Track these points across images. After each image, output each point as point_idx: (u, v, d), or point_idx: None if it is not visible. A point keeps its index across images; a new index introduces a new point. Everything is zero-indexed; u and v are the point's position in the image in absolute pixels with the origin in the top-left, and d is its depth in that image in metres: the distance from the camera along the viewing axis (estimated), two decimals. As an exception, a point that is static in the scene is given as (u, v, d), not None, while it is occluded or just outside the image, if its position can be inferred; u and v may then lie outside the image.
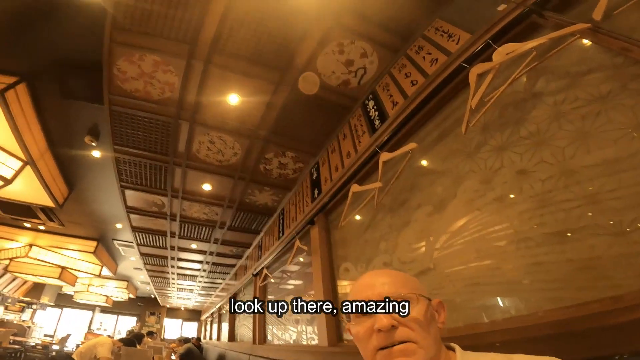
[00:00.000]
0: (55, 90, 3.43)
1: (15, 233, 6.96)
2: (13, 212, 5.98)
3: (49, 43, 3.03)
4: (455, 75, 1.74)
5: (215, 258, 7.33)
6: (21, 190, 4.90)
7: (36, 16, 2.81)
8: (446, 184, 1.74)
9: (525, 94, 1.44)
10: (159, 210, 5.24)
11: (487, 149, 1.53)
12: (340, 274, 2.74)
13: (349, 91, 3.03)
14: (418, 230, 1.88)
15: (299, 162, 3.96)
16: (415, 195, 1.98)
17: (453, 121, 1.82)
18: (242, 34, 2.64)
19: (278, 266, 4.75)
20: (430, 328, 0.74)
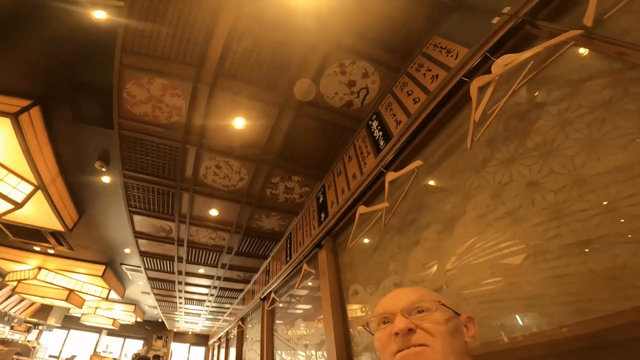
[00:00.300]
0: (67, 115, 3.53)
1: (24, 256, 6.97)
2: (23, 236, 6.01)
3: (64, 66, 3.13)
4: (456, 90, 1.72)
5: (222, 283, 7.18)
6: (31, 214, 4.94)
7: (52, 40, 2.93)
8: (455, 201, 1.69)
9: (528, 105, 1.42)
10: (167, 236, 5.20)
11: (494, 163, 1.49)
12: (349, 297, 2.66)
13: (353, 112, 3.03)
14: (428, 249, 1.82)
15: (305, 187, 3.92)
16: (424, 215, 1.92)
17: (458, 137, 1.79)
18: (246, 57, 2.68)
19: (286, 290, 4.62)
20: (453, 338, 0.73)
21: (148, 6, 2.41)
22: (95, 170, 4.30)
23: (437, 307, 0.76)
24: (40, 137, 3.77)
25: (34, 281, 7.19)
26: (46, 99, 3.48)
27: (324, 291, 2.84)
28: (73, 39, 2.96)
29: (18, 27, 2.89)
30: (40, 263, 7.17)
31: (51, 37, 2.96)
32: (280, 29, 2.48)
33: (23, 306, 10.58)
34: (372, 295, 2.29)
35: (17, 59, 3.13)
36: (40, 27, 2.88)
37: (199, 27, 2.52)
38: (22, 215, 5.01)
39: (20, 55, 3.11)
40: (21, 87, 3.33)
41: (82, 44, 2.98)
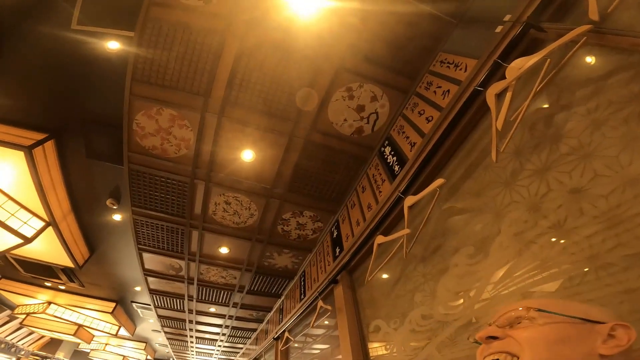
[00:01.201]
0: (81, 150, 3.40)
1: (35, 291, 6.77)
2: (34, 272, 5.84)
3: (78, 99, 3.04)
4: (471, 102, 1.60)
5: (235, 322, 6.76)
6: (42, 250, 4.77)
7: (67, 73, 2.86)
8: (485, 220, 1.50)
9: (551, 109, 1.31)
10: (177, 274, 4.91)
11: (526, 175, 1.35)
12: (370, 334, 2.39)
13: (364, 140, 2.84)
14: (460, 275, 1.60)
15: (317, 222, 3.61)
16: (450, 239, 1.73)
17: (479, 152, 1.64)
18: (252, 85, 2.57)
19: (301, 329, 4.26)
20: (558, 347, 0.63)
21: (157, 35, 2.35)
22: (107, 208, 4.14)
23: (536, 314, 0.68)
24: (53, 173, 3.64)
25: (42, 315, 6.96)
26: (61, 133, 3.37)
27: (342, 329, 2.59)
28: (87, 72, 2.89)
29: (33, 60, 2.85)
30: (51, 298, 6.96)
31: (66, 70, 2.90)
32: (284, 54, 2.39)
33: (32, 339, 10.26)
34: (396, 330, 2.03)
35: (32, 92, 3.07)
36: (55, 59, 2.82)
37: (205, 55, 2.44)
38: (33, 251, 4.85)
39: (35, 88, 3.05)
40: (36, 120, 3.23)
41: (96, 77, 2.91)
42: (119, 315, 7.34)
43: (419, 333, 1.81)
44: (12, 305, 7.46)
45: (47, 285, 6.57)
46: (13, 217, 3.80)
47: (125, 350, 11.80)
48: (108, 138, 3.32)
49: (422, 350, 1.75)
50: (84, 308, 7.14)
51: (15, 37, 2.70)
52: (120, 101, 2.71)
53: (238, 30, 2.30)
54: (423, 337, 1.77)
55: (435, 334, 1.67)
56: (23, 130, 3.21)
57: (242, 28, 2.29)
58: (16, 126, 3.22)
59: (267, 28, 2.29)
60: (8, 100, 3.09)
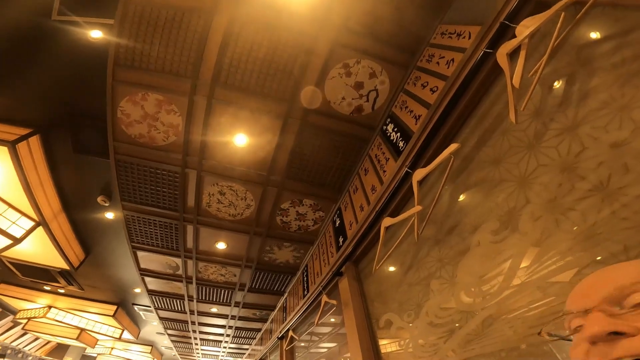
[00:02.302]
0: (68, 144, 3.18)
1: (35, 295, 6.57)
2: (32, 275, 5.62)
3: (63, 92, 2.85)
4: (480, 66, 1.45)
5: (238, 322, 6.50)
6: (36, 252, 4.55)
7: (50, 65, 2.65)
8: (509, 190, 1.32)
9: (571, 67, 1.17)
10: (174, 273, 4.66)
11: (552, 134, 1.18)
12: (380, 328, 2.14)
13: (364, 119, 2.62)
14: (484, 255, 1.38)
15: (318, 211, 3.35)
16: (468, 215, 1.52)
17: (494, 117, 1.47)
18: (243, 64, 2.35)
19: (306, 328, 4.02)
20: None
21: (139, 17, 2.15)
22: (99, 206, 3.90)
23: None
24: (40, 170, 3.41)
25: (43, 319, 6.74)
26: (46, 127, 3.15)
27: (349, 324, 2.35)
28: (70, 63, 2.71)
29: (16, 53, 2.66)
30: (51, 302, 6.75)
31: (49, 62, 2.72)
32: (275, 31, 2.21)
33: (39, 344, 9.99)
34: (411, 324, 1.80)
35: (15, 86, 2.87)
36: (37, 51, 2.64)
37: (191, 35, 2.24)
38: (27, 253, 4.62)
39: (19, 82, 2.85)
40: (20, 114, 3.02)
41: (79, 68, 2.72)
42: (121, 318, 7.10)
43: (438, 326, 1.56)
44: (14, 311, 7.26)
45: (46, 289, 6.36)
46: (1, 217, 3.57)
47: (132, 354, 11.53)
48: (95, 131, 3.11)
49: (444, 344, 1.49)
50: (85, 312, 6.92)
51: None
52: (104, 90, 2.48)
53: (225, 8, 2.12)
54: (443, 330, 1.52)
55: (459, 326, 1.42)
56: (6, 125, 3.01)
57: (230, 5, 2.11)
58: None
59: (256, 4, 2.11)
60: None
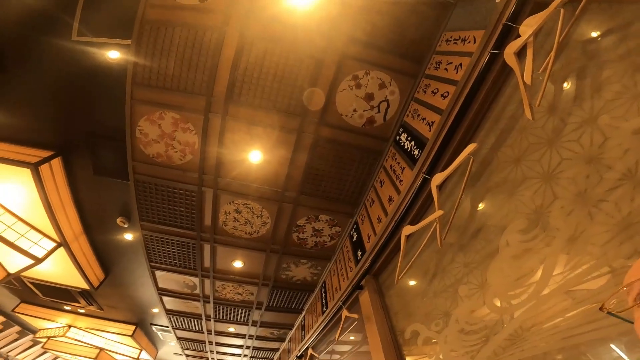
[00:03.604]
0: (88, 166, 3.19)
1: (55, 314, 6.51)
2: (52, 295, 5.60)
3: (83, 115, 2.86)
4: (488, 68, 1.45)
5: (256, 342, 6.30)
6: (57, 272, 4.54)
7: (70, 87, 2.68)
8: (534, 187, 1.27)
9: (579, 62, 1.18)
10: (192, 292, 4.57)
11: (572, 128, 1.16)
12: (406, 341, 1.99)
13: (376, 131, 2.58)
14: (515, 256, 1.29)
15: (335, 226, 3.24)
16: (493, 217, 1.47)
17: (509, 118, 1.46)
18: (255, 80, 2.36)
19: (326, 346, 3.80)
20: None
21: (155, 37, 2.20)
22: (118, 227, 3.89)
23: None
24: (62, 192, 3.43)
25: (63, 338, 6.67)
26: (67, 149, 3.17)
27: (373, 339, 2.19)
28: (90, 85, 2.71)
29: (36, 75, 2.70)
30: (71, 321, 6.68)
31: (69, 84, 2.73)
32: (284, 45, 2.24)
33: (57, 364, 9.95)
34: (440, 333, 1.66)
35: (36, 109, 2.91)
36: (57, 74, 2.67)
37: (205, 53, 2.27)
38: (47, 274, 4.62)
39: (39, 104, 2.89)
40: (41, 137, 3.05)
41: (99, 89, 2.73)
42: (139, 338, 6.97)
43: (471, 333, 1.43)
44: (33, 330, 7.23)
45: (66, 309, 6.32)
46: (23, 237, 3.59)
47: (149, 376, 11.33)
48: (114, 153, 3.09)
49: (479, 352, 1.36)
50: (105, 331, 6.82)
51: (18, 51, 2.54)
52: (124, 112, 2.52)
53: (236, 25, 2.15)
54: (477, 337, 1.39)
55: (494, 332, 1.30)
56: (29, 148, 3.04)
57: (240, 23, 2.14)
58: (22, 144, 3.05)
59: (266, 21, 2.14)
60: (12, 118, 2.94)
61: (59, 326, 6.72)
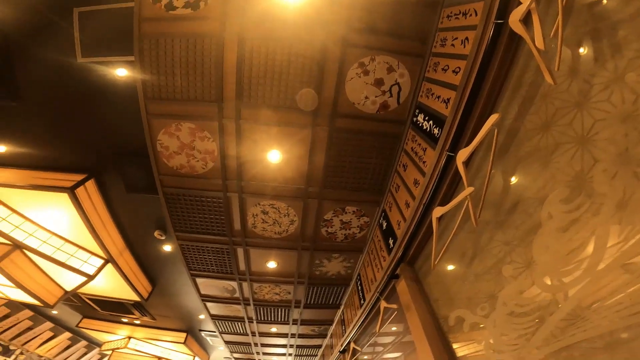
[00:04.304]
0: (120, 184, 3.31)
1: (115, 327, 6.97)
2: (110, 309, 5.98)
3: (105, 134, 2.97)
4: (496, 38, 1.41)
5: (298, 340, 6.33)
6: (109, 287, 4.81)
7: (87, 108, 2.77)
8: (569, 153, 1.16)
9: (590, 25, 1.12)
10: (232, 296, 4.64)
11: (599, 89, 1.07)
12: (451, 328, 1.86)
13: (392, 115, 2.46)
14: (560, 229, 1.16)
15: (363, 216, 3.14)
16: (529, 189, 1.36)
17: (529, 85, 1.37)
18: (262, 81, 2.32)
19: (367, 339, 3.72)
20: None
21: (156, 50, 2.21)
22: (157, 239, 4.03)
23: None
24: (100, 211, 3.60)
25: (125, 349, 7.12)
26: (98, 171, 3.34)
27: (415, 328, 2.08)
28: (106, 106, 2.79)
29: (50, 102, 2.81)
30: (129, 333, 7.14)
31: (86, 107, 2.82)
32: (285, 42, 2.15)
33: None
34: (487, 317, 1.53)
35: (59, 135, 3.06)
36: (71, 98, 2.76)
37: (208, 60, 2.26)
38: (101, 289, 4.92)
39: (61, 130, 3.03)
40: (72, 162, 3.24)
41: (116, 107, 2.80)
42: (191, 345, 7.25)
43: (522, 315, 1.30)
44: (98, 343, 7.74)
45: (124, 321, 6.71)
46: (73, 257, 3.82)
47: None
48: (141, 169, 3.17)
49: (534, 335, 1.22)
50: (160, 340, 7.17)
51: (30, 79, 2.64)
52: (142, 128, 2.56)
53: (233, 28, 2.13)
54: (530, 319, 1.25)
55: (549, 312, 1.16)
56: (62, 173, 3.21)
57: (237, 26, 2.11)
58: (55, 171, 3.22)
59: (262, 20, 2.10)
60: (39, 147, 3.12)
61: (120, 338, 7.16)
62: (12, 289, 3.94)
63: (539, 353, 1.21)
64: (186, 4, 2.05)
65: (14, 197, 3.31)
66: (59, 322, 7.19)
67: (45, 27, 2.33)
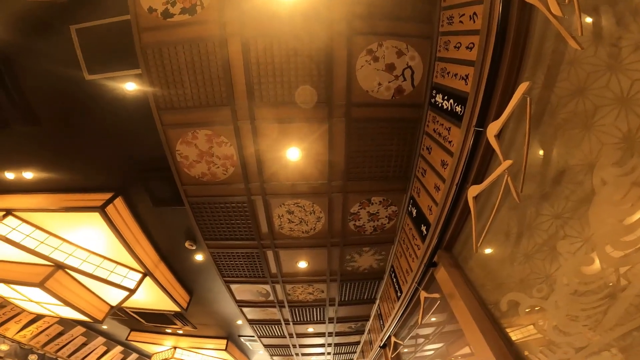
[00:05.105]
0: (147, 199, 3.34)
1: (160, 338, 7.16)
2: (153, 321, 6.14)
3: (125, 151, 3.00)
4: (507, 9, 1.35)
5: (336, 338, 6.23)
6: (150, 299, 4.91)
7: (103, 127, 2.79)
8: (612, 114, 1.06)
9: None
10: (266, 299, 4.61)
11: (630, 50, 0.99)
12: (504, 313, 1.68)
13: (408, 99, 2.34)
14: (617, 194, 1.03)
15: (390, 206, 2.99)
16: (573, 155, 1.22)
17: (551, 52, 1.28)
18: (271, 79, 2.25)
19: (408, 332, 3.56)
20: None
21: (160, 59, 2.18)
22: (188, 250, 4.06)
23: None
24: (132, 227, 3.68)
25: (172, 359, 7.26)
26: (124, 188, 3.40)
27: (462, 316, 1.92)
28: (121, 123, 2.78)
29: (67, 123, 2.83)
30: (175, 343, 7.31)
31: (103, 127, 2.82)
32: (289, 38, 2.07)
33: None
34: (546, 299, 1.37)
35: (82, 156, 3.10)
36: (88, 118, 2.77)
37: (214, 63, 2.20)
38: (143, 302, 5.05)
39: (84, 152, 3.07)
40: (98, 182, 3.31)
41: (130, 124, 2.79)
42: (232, 351, 7.31)
43: (588, 294, 1.14)
44: (147, 354, 7.96)
45: (168, 331, 6.86)
46: (113, 273, 3.91)
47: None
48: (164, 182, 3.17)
49: (606, 315, 1.07)
50: (203, 348, 7.28)
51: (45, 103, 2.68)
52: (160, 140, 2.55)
53: (234, 29, 2.06)
54: (598, 297, 1.10)
55: (620, 288, 1.01)
56: (90, 194, 3.30)
57: (238, 26, 2.05)
58: (83, 192, 3.31)
59: (262, 18, 2.02)
60: (65, 171, 3.20)
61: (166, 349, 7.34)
62: (61, 307, 4.09)
63: (613, 333, 1.05)
64: (183, 10, 2.01)
65: (48, 220, 3.44)
66: (110, 336, 7.47)
67: (47, 47, 2.34)
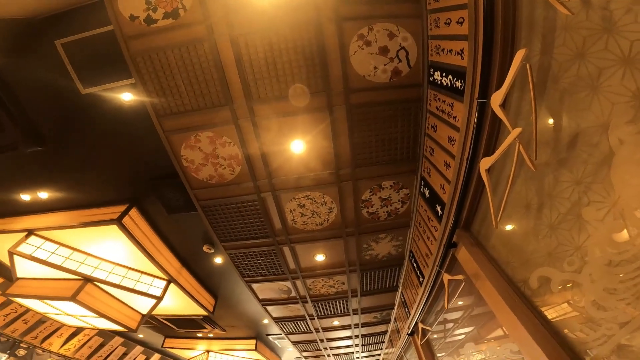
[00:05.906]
0: (160, 208, 3.35)
1: (193, 343, 7.28)
2: (184, 326, 6.23)
3: (132, 162, 3.01)
4: None
5: (362, 330, 6.14)
6: (178, 306, 4.97)
7: (107, 141, 2.80)
8: (618, 74, 1.01)
9: None
10: (288, 296, 4.57)
11: (622, 12, 0.97)
12: (535, 291, 1.56)
13: (406, 80, 2.26)
14: (637, 152, 0.98)
15: (402, 189, 2.88)
16: (584, 117, 1.15)
17: (543, 20, 1.27)
18: (266, 74, 2.19)
19: (435, 317, 3.44)
20: None
21: (152, 65, 2.14)
22: (207, 254, 4.07)
23: None
24: (150, 237, 3.71)
25: (206, 363, 7.38)
26: (137, 199, 3.43)
27: (490, 297, 1.80)
28: (123, 134, 2.78)
29: (71, 139, 2.84)
30: (207, 346, 7.41)
31: (106, 140, 2.83)
32: (278, 30, 2.03)
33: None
34: (579, 273, 1.24)
35: (90, 172, 3.13)
36: (90, 133, 2.78)
37: (206, 65, 2.16)
38: (171, 309, 5.12)
39: (91, 167, 3.09)
40: (111, 196, 3.35)
41: (133, 135, 2.79)
42: (262, 350, 7.34)
43: (624, 263, 1.02)
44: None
45: (199, 336, 6.95)
46: (139, 282, 3.95)
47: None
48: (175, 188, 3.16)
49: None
50: (234, 350, 7.35)
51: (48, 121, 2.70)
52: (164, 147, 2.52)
53: (221, 29, 2.02)
54: (635, 266, 0.98)
55: None
56: (106, 207, 3.34)
57: (224, 25, 2.00)
58: (98, 207, 3.35)
59: (248, 15, 1.98)
60: (79, 189, 3.24)
61: (200, 353, 7.45)
62: (96, 319, 4.18)
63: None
64: (165, 15, 1.97)
65: (70, 237, 3.51)
66: (147, 345, 7.64)
67: (39, 65, 2.35)
